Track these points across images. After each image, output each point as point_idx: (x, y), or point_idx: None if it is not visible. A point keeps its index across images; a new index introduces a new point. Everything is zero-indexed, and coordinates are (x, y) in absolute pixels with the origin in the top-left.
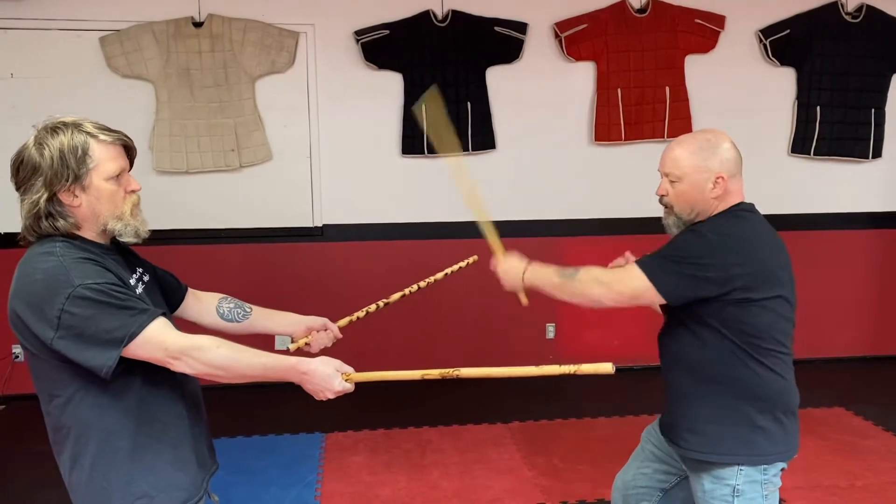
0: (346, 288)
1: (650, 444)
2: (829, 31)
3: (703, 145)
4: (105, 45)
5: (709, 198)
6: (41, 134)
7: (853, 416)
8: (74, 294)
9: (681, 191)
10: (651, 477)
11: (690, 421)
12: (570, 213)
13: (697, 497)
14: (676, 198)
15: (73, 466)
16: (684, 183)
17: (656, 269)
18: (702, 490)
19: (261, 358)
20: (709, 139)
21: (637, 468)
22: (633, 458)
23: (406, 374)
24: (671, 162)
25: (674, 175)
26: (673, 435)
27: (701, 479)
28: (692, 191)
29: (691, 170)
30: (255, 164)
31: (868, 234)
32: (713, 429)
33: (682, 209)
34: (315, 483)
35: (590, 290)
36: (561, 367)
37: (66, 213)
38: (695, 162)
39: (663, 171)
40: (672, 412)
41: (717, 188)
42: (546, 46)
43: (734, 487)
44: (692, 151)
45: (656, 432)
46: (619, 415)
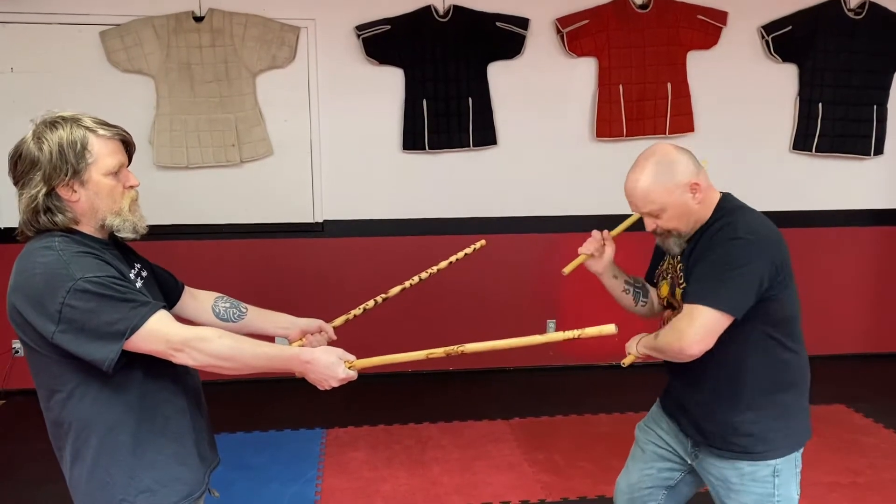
0: (347, 284)
1: (649, 444)
2: (831, 28)
3: (658, 168)
4: (105, 40)
5: (694, 207)
6: (40, 128)
7: (854, 413)
8: (75, 287)
9: (669, 217)
10: (656, 476)
11: (737, 426)
12: (571, 210)
13: (729, 483)
14: (668, 224)
15: (75, 462)
16: (668, 210)
17: (716, 295)
18: (738, 475)
19: (263, 348)
20: (659, 160)
21: (641, 470)
22: (634, 460)
23: (410, 356)
24: (644, 201)
25: (653, 209)
26: (717, 442)
27: (737, 463)
28: (679, 209)
29: (665, 195)
30: (256, 159)
31: (869, 231)
32: (759, 427)
33: (679, 230)
34: (315, 479)
35: (671, 344)
36: (565, 332)
37: (64, 207)
38: (664, 186)
39: (642, 212)
40: (707, 418)
41: (697, 194)
42: (548, 42)
43: (774, 467)
44: (654, 179)
45: (654, 429)
46: (620, 411)
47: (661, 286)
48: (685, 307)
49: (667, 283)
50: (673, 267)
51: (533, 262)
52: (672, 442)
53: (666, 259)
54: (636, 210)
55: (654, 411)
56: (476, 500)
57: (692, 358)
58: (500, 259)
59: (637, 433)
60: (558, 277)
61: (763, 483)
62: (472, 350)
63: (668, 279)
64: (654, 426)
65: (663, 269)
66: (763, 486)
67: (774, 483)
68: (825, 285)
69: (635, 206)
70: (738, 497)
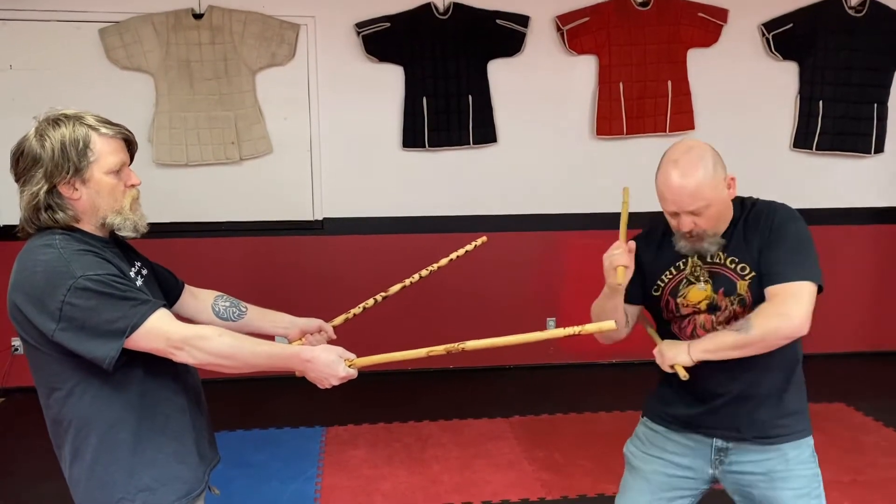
0: (347, 282)
1: (659, 475)
2: (832, 26)
3: (705, 163)
4: (104, 37)
5: (729, 202)
6: (42, 126)
7: (854, 412)
8: (76, 285)
9: (711, 215)
10: None
11: (786, 406)
12: (571, 208)
13: (774, 473)
14: (708, 223)
15: (74, 460)
16: (712, 207)
17: (810, 269)
18: (783, 461)
19: (263, 346)
20: (701, 155)
21: (649, 502)
22: (638, 490)
23: (411, 354)
24: (694, 198)
25: (700, 206)
26: (767, 430)
27: (781, 450)
28: (721, 206)
29: (714, 191)
30: (256, 157)
31: (870, 229)
32: (800, 404)
33: (716, 227)
34: (315, 477)
35: (776, 329)
36: (565, 329)
37: (65, 205)
38: (712, 183)
39: (688, 210)
40: (761, 410)
41: (732, 189)
42: (548, 39)
43: (811, 447)
44: (704, 175)
45: (657, 455)
46: (620, 409)
47: (686, 292)
48: (779, 289)
49: (698, 288)
50: (712, 266)
51: (533, 260)
52: (686, 460)
53: (688, 262)
54: (677, 209)
55: (647, 435)
56: (476, 498)
57: (786, 337)
58: (499, 257)
59: (634, 462)
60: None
61: (808, 464)
62: (472, 347)
63: (702, 282)
64: (657, 452)
65: (685, 273)
66: (808, 468)
67: (815, 462)
68: (825, 283)
69: (679, 204)
70: (786, 485)
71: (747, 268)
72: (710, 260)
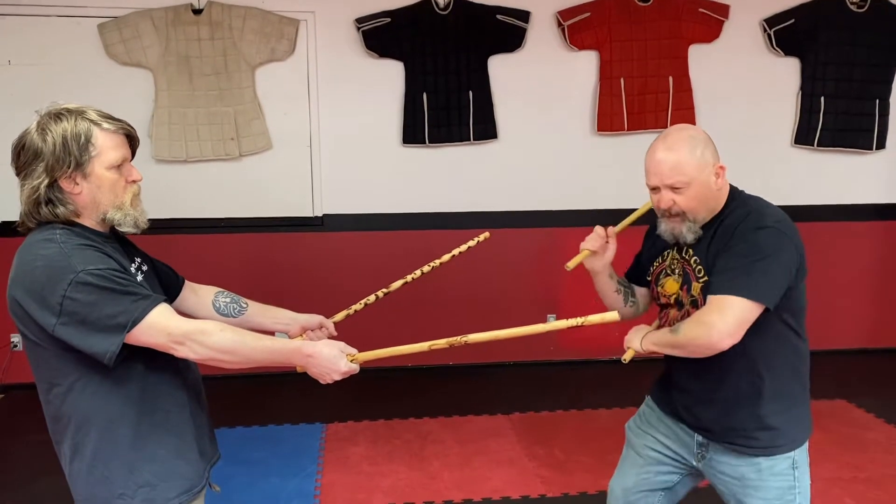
0: (347, 278)
1: (646, 449)
2: (834, 22)
3: (693, 143)
4: (103, 32)
5: (714, 191)
6: (44, 119)
7: (855, 409)
8: (76, 280)
9: (691, 195)
10: (653, 480)
11: (760, 420)
12: (572, 204)
13: (746, 480)
14: (688, 203)
15: (74, 456)
16: (693, 187)
17: (749, 284)
18: (756, 470)
19: (265, 342)
20: (692, 135)
21: (638, 474)
22: (630, 464)
23: (413, 348)
24: (673, 171)
25: (680, 182)
26: (738, 440)
27: (755, 459)
28: (703, 190)
29: (697, 171)
30: (255, 152)
31: (871, 225)
32: (781, 420)
33: (696, 213)
34: (315, 473)
35: (695, 337)
36: (568, 320)
37: (66, 200)
38: (696, 161)
39: (665, 184)
40: (725, 415)
41: (720, 178)
42: (549, 35)
43: (793, 459)
44: (689, 152)
45: (649, 433)
46: (620, 406)
47: (664, 283)
48: (712, 299)
49: (673, 280)
50: (682, 262)
51: (533, 257)
52: (673, 445)
53: (668, 254)
54: (658, 182)
55: (646, 412)
56: (476, 495)
57: (708, 346)
58: (500, 253)
59: (630, 435)
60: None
61: (783, 476)
62: (474, 340)
63: (676, 275)
64: (649, 429)
65: (665, 265)
66: (784, 480)
67: (794, 475)
68: (827, 280)
69: (660, 176)
70: (757, 493)
71: (702, 270)
72: (682, 255)
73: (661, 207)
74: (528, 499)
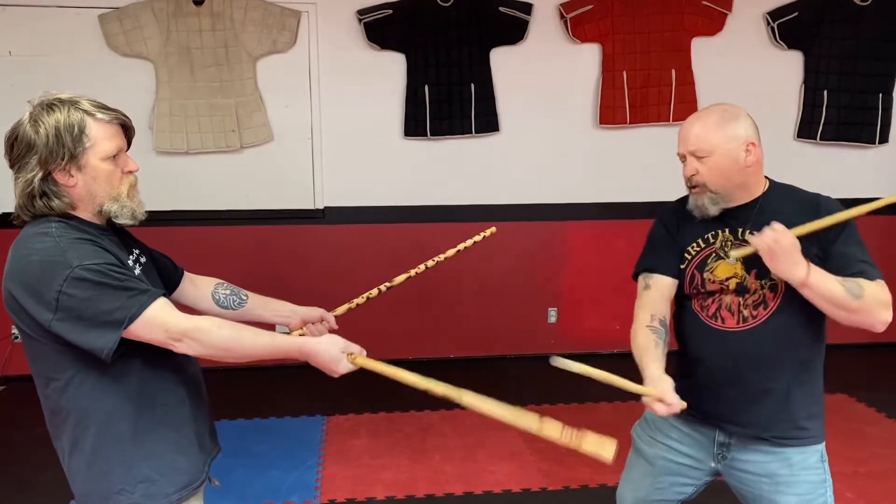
0: (348, 271)
1: (663, 460)
2: (837, 15)
3: (724, 116)
4: (104, 23)
5: (744, 167)
6: (37, 111)
7: (856, 403)
8: (72, 275)
9: (713, 165)
10: (668, 490)
11: (808, 407)
12: (574, 197)
13: (777, 477)
14: (710, 173)
15: (73, 451)
16: (716, 156)
17: (871, 264)
18: (787, 466)
19: (263, 338)
20: (727, 109)
21: (651, 484)
22: (642, 473)
23: (411, 379)
24: (697, 138)
25: (703, 151)
26: (779, 430)
27: (785, 454)
28: (726, 162)
29: (721, 140)
30: (256, 144)
31: (873, 220)
32: (817, 410)
33: (718, 185)
34: (316, 466)
35: (879, 308)
36: (563, 433)
37: (60, 192)
38: (722, 132)
39: (689, 151)
40: (775, 408)
41: (750, 155)
42: (551, 28)
43: (821, 452)
44: (716, 123)
45: (664, 441)
46: (622, 399)
47: (714, 267)
48: (867, 282)
49: (728, 264)
50: (740, 243)
51: (535, 250)
52: (689, 450)
53: (718, 236)
54: (683, 149)
55: (654, 419)
56: (477, 488)
57: (874, 325)
58: (501, 246)
59: (639, 444)
60: (560, 265)
61: (814, 470)
62: (467, 403)
63: (734, 259)
64: (661, 437)
65: (715, 247)
66: (815, 473)
67: (824, 468)
68: None
69: (685, 143)
70: (790, 490)
71: None
72: (740, 237)
73: (685, 176)
74: (530, 492)
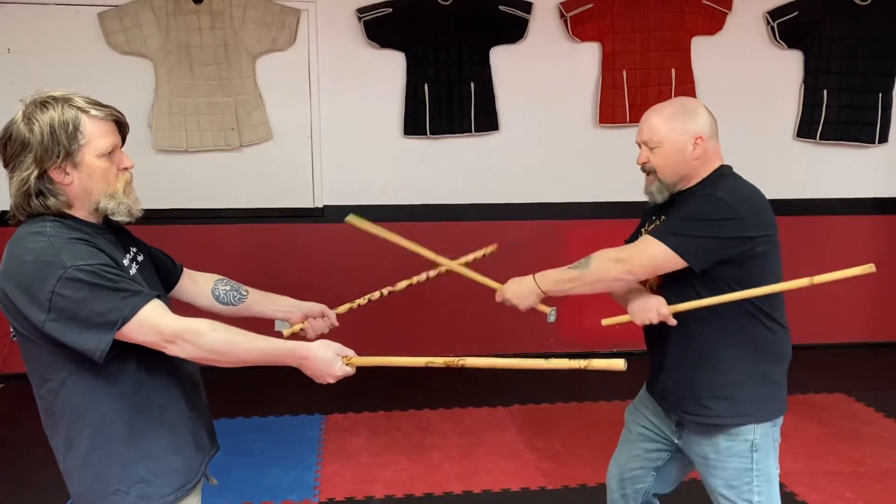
0: (347, 270)
1: (636, 426)
2: (837, 14)
3: (677, 110)
4: (103, 21)
5: (690, 160)
6: (30, 109)
7: (855, 402)
8: (66, 276)
9: (662, 155)
10: (643, 457)
11: (711, 388)
12: (574, 196)
13: (708, 460)
14: (657, 162)
15: (69, 451)
16: (664, 147)
17: (675, 236)
18: (715, 450)
19: (258, 342)
20: (683, 104)
21: (629, 451)
22: (623, 442)
23: (409, 361)
24: (648, 129)
25: (653, 141)
26: (687, 406)
27: (714, 439)
28: (673, 153)
29: (670, 133)
30: (256, 143)
31: (872, 219)
32: (735, 391)
33: (665, 174)
34: (315, 464)
35: (608, 272)
36: (571, 361)
37: (56, 191)
38: (672, 125)
39: (641, 140)
40: (682, 383)
41: (697, 149)
42: (551, 26)
43: (752, 442)
44: (668, 116)
45: (641, 411)
46: (620, 399)
47: None
48: (602, 250)
49: None
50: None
51: (534, 249)
52: (658, 422)
53: (653, 221)
54: (639, 138)
55: (641, 394)
56: (476, 487)
57: (613, 281)
58: (500, 245)
59: (626, 416)
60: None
61: (740, 458)
62: (472, 364)
63: None
64: (641, 408)
65: (649, 229)
66: (741, 461)
67: (752, 458)
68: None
69: (640, 132)
70: (716, 473)
71: None
72: (659, 222)
73: (638, 162)
74: (528, 491)
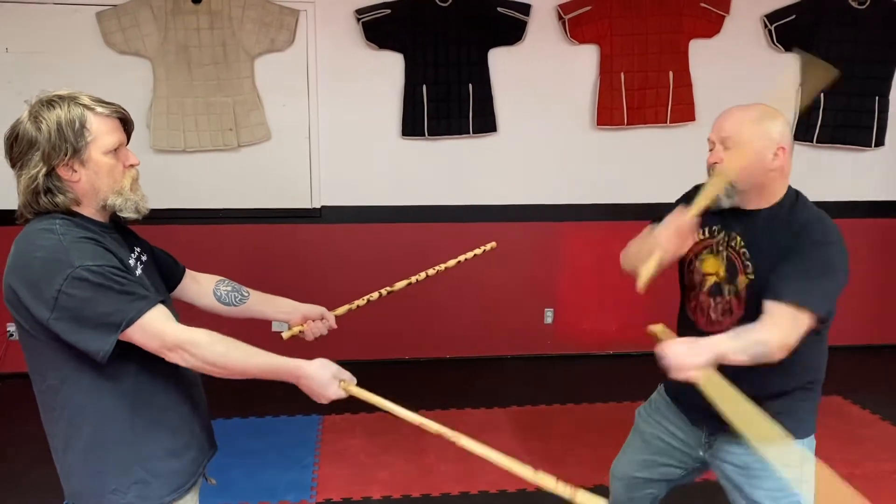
0: (345, 270)
1: (658, 440)
2: (834, 18)
3: (764, 114)
4: (102, 21)
5: (767, 169)
6: (36, 108)
7: (851, 405)
8: (73, 275)
9: (740, 156)
10: (658, 470)
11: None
12: (571, 198)
13: (750, 470)
14: (730, 163)
15: (66, 450)
16: (741, 149)
17: (813, 298)
18: (759, 460)
19: (256, 358)
20: (768, 110)
21: (643, 461)
22: (635, 449)
23: (404, 413)
24: (732, 126)
25: (733, 140)
26: None
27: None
28: (750, 158)
29: (751, 135)
30: (254, 143)
31: (869, 222)
32: (793, 403)
33: (738, 177)
34: (312, 465)
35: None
36: (557, 485)
37: (65, 188)
38: (758, 128)
39: (720, 137)
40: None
41: (777, 159)
42: (549, 28)
43: (803, 453)
44: (755, 118)
45: (660, 422)
46: (617, 400)
47: (705, 259)
48: (784, 307)
49: (717, 261)
50: (729, 249)
51: (531, 251)
52: (683, 435)
53: (717, 232)
54: (714, 135)
55: (658, 401)
56: (473, 488)
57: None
58: (498, 246)
59: (639, 421)
60: (557, 266)
61: (790, 468)
62: (464, 445)
63: (721, 258)
64: (660, 418)
65: (712, 242)
66: (790, 471)
67: (803, 468)
68: None
69: (719, 129)
70: (760, 483)
71: (751, 266)
72: (730, 241)
73: (708, 163)
74: (525, 492)
